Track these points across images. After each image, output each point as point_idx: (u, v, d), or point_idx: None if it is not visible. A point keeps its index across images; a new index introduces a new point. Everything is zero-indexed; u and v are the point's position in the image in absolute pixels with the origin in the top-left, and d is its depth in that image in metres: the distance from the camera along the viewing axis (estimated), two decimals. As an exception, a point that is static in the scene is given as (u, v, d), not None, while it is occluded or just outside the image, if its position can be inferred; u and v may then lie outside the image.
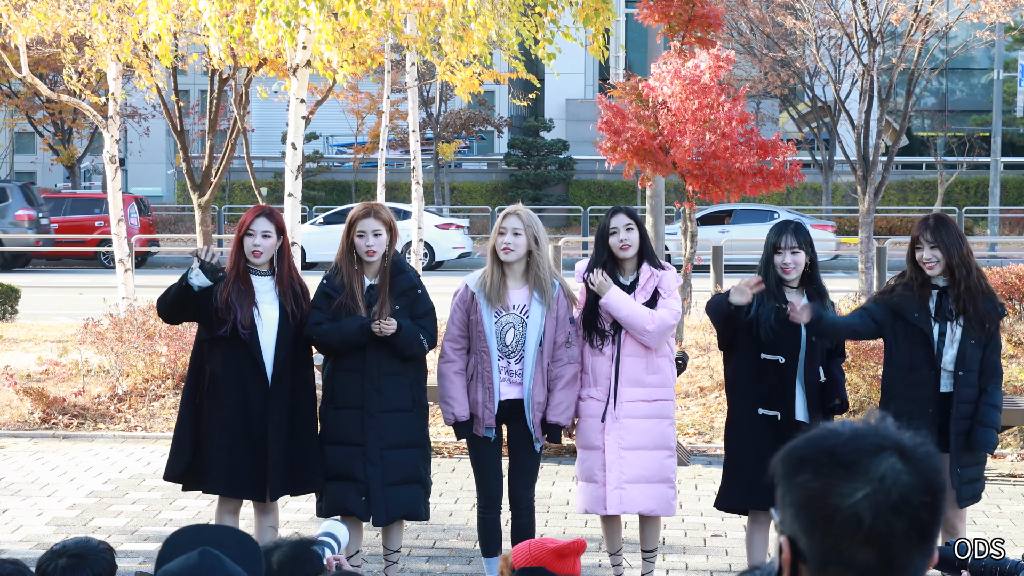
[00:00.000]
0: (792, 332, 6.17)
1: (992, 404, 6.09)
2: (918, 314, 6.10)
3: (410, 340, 6.19)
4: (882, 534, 1.74)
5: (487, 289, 6.31)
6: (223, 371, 6.23)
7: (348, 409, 6.25)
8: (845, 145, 18.06)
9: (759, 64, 30.32)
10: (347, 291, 6.24)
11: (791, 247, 6.23)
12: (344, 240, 6.32)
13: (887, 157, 17.28)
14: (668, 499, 6.44)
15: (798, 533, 1.80)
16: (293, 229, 10.52)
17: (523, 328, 6.29)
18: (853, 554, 1.75)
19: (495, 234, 6.35)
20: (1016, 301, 12.03)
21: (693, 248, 13.40)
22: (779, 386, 6.18)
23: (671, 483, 6.46)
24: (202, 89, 33.21)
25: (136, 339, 11.41)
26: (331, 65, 9.97)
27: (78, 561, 3.40)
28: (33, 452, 9.99)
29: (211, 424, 6.25)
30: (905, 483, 1.75)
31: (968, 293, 6.05)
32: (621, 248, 6.36)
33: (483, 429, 6.32)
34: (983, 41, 21.06)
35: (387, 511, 6.25)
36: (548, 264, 6.39)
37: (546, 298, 6.29)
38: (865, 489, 1.74)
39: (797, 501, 1.79)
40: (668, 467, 6.44)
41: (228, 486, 6.31)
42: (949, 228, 6.13)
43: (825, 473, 1.77)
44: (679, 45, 12.98)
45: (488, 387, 6.27)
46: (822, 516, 1.76)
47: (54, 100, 16.40)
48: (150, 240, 28.82)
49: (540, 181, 38.33)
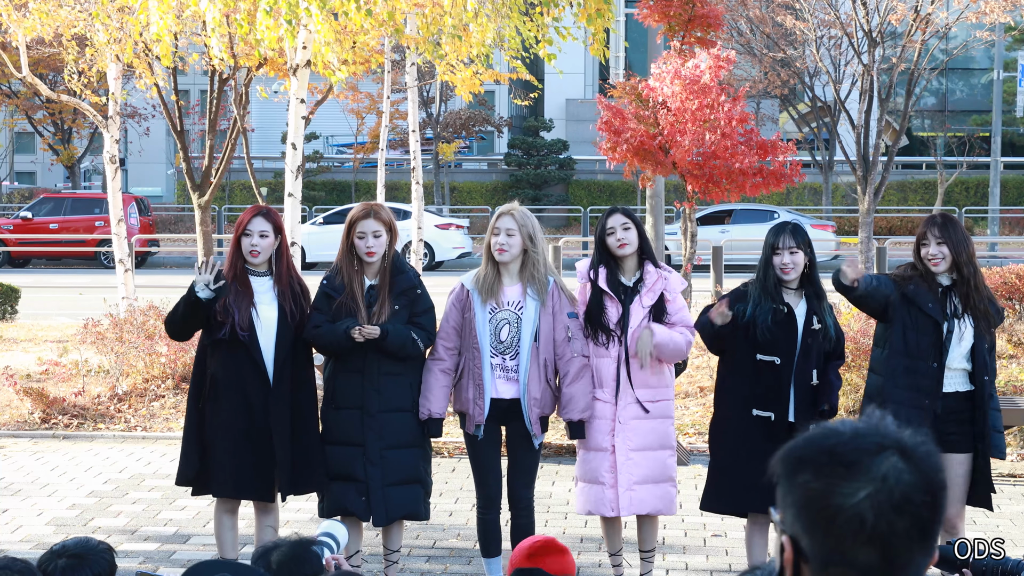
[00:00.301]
0: (789, 333, 6.17)
1: (997, 408, 6.17)
2: (932, 304, 6.10)
3: (401, 343, 6.18)
4: (884, 534, 1.74)
5: (480, 286, 6.31)
6: (223, 374, 6.23)
7: (348, 409, 6.25)
8: (845, 145, 18.06)
9: (759, 64, 30.33)
10: (347, 292, 6.25)
11: (789, 247, 6.22)
12: (344, 241, 6.32)
13: (887, 157, 17.28)
14: (672, 498, 6.48)
15: (799, 533, 1.80)
16: (293, 229, 10.52)
17: (518, 324, 6.28)
18: (855, 554, 1.75)
19: (490, 234, 6.35)
20: (1016, 301, 12.03)
21: (693, 248, 13.39)
22: (775, 387, 6.17)
23: (674, 482, 6.50)
24: (202, 89, 33.22)
25: (136, 339, 11.41)
26: (331, 65, 9.97)
27: (78, 561, 3.39)
28: (33, 452, 9.99)
29: (213, 428, 6.25)
30: (907, 482, 1.74)
31: (976, 292, 6.08)
32: (619, 247, 6.37)
33: (473, 427, 6.32)
34: (983, 41, 21.07)
35: (387, 511, 6.25)
36: (545, 262, 6.38)
37: (540, 294, 6.29)
38: (867, 489, 1.74)
39: (798, 501, 1.79)
40: (671, 467, 6.48)
41: (235, 488, 6.31)
42: (956, 227, 6.16)
43: (826, 473, 1.76)
44: (679, 45, 12.98)
45: (479, 384, 6.26)
46: (824, 516, 1.76)
47: (54, 100, 16.40)
48: (150, 240, 28.81)
49: (540, 181, 38.33)
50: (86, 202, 30.27)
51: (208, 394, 6.26)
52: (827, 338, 6.26)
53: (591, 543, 7.52)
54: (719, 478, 6.36)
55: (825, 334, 6.24)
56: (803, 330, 6.18)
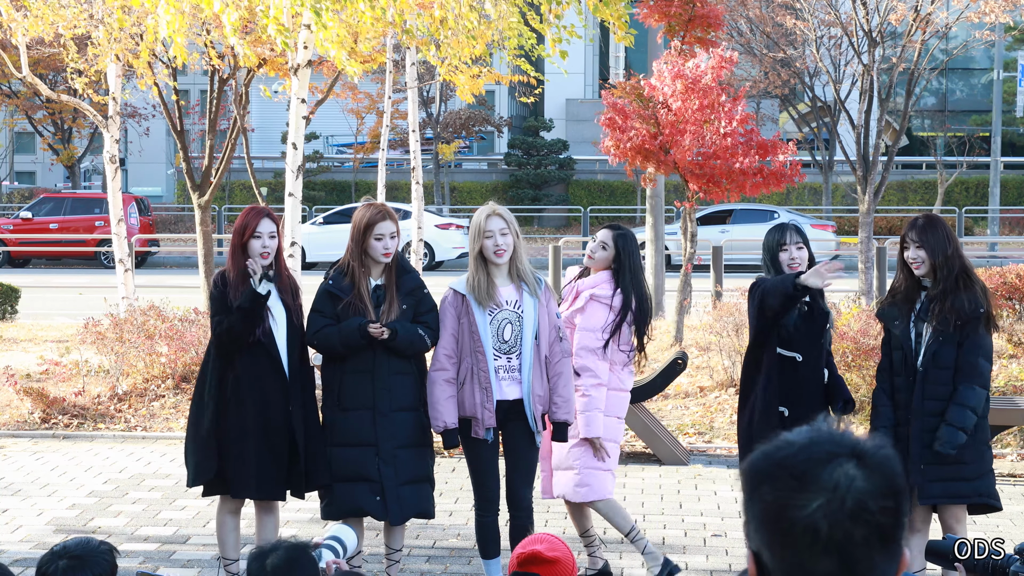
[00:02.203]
0: (814, 330, 6.23)
1: (960, 403, 5.96)
2: (898, 321, 6.13)
3: (410, 340, 6.22)
4: (840, 543, 1.72)
5: (477, 293, 6.30)
6: (246, 374, 6.24)
7: (358, 410, 6.24)
8: (845, 145, 18.05)
9: (759, 64, 30.32)
10: (355, 292, 6.25)
11: (796, 242, 6.35)
12: (358, 242, 6.30)
13: (887, 157, 17.27)
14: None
15: (761, 547, 1.78)
16: (293, 229, 10.53)
17: (519, 322, 6.31)
18: (814, 564, 1.74)
19: (479, 237, 6.31)
20: (1016, 301, 12.02)
21: (693, 248, 13.40)
22: (795, 383, 6.21)
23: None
24: (202, 89, 33.22)
25: (136, 339, 11.41)
26: (343, 61, 9.95)
27: (79, 562, 3.40)
28: (33, 452, 9.99)
29: (236, 428, 6.24)
30: (860, 489, 1.73)
31: (943, 294, 6.02)
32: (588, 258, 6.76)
33: (482, 431, 6.31)
34: (983, 41, 21.06)
35: (402, 509, 6.27)
36: (526, 255, 6.46)
37: (533, 289, 6.33)
38: (819, 500, 1.72)
39: (758, 515, 1.77)
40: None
41: (256, 488, 6.30)
42: (936, 228, 6.08)
43: (779, 486, 1.75)
44: (679, 45, 12.98)
45: (485, 387, 6.26)
46: (780, 529, 1.75)
47: (54, 100, 16.39)
48: (150, 240, 28.81)
49: (540, 181, 38.33)
50: (86, 202, 30.27)
51: (230, 396, 6.25)
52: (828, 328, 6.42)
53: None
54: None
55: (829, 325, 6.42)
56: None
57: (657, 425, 9.60)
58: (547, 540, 4.01)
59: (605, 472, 6.73)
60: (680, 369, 9.53)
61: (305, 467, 6.29)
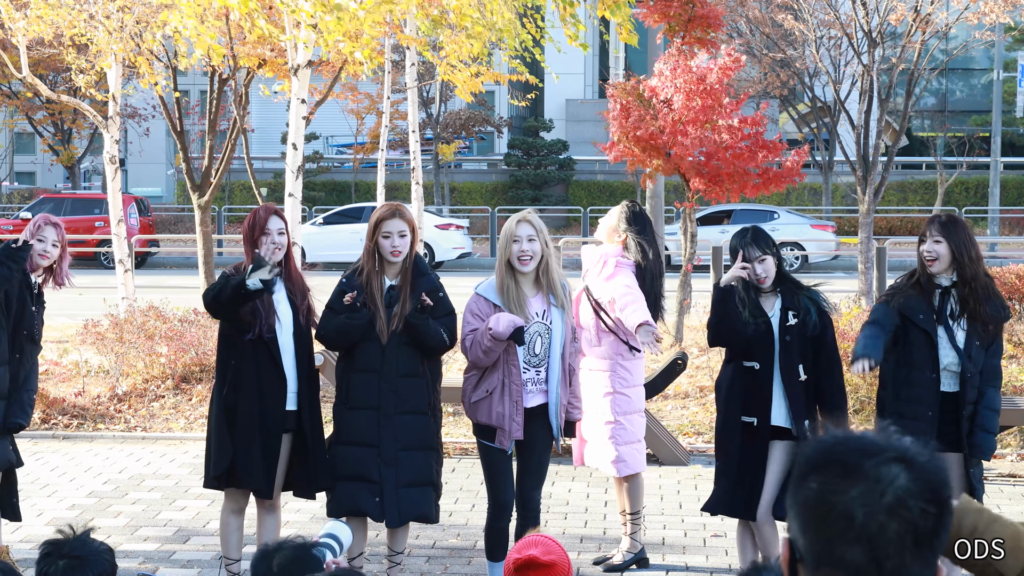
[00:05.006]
0: (765, 338, 6.10)
1: (991, 408, 6.08)
2: (923, 315, 6.08)
3: (436, 329, 6.18)
4: (873, 534, 1.74)
5: (507, 300, 6.25)
6: (251, 373, 6.24)
7: (364, 410, 6.22)
8: (845, 145, 18.05)
9: (759, 64, 30.33)
10: (366, 291, 6.23)
11: (757, 257, 6.13)
12: (369, 240, 6.30)
13: (887, 157, 17.27)
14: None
15: (797, 533, 1.81)
16: (294, 229, 10.53)
17: (549, 335, 6.30)
18: (843, 553, 1.75)
19: (508, 244, 6.27)
20: (1016, 301, 12.03)
21: (693, 248, 13.40)
22: (757, 392, 6.13)
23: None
24: (202, 89, 33.23)
25: (136, 339, 11.41)
26: (353, 58, 9.95)
27: (78, 562, 3.40)
28: (33, 452, 9.98)
29: (243, 426, 6.25)
30: (902, 487, 1.74)
31: (974, 295, 6.04)
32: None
33: (507, 442, 6.26)
34: (983, 41, 21.07)
35: (399, 512, 6.24)
36: (557, 266, 6.41)
37: (560, 300, 6.32)
38: (859, 488, 1.74)
39: (800, 502, 1.80)
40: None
41: (266, 483, 6.31)
42: (959, 227, 6.13)
43: (826, 474, 1.78)
44: (679, 45, 12.98)
45: (516, 400, 6.22)
46: (817, 514, 1.77)
47: (54, 100, 16.39)
48: (150, 240, 28.81)
49: (540, 181, 38.34)
50: (86, 202, 30.27)
51: (231, 391, 6.26)
52: (809, 325, 6.10)
53: (591, 543, 7.53)
54: (717, 482, 6.34)
55: (804, 324, 6.09)
56: (779, 329, 6.10)
57: (657, 425, 9.60)
58: (543, 543, 3.98)
59: (637, 444, 7.05)
60: (680, 369, 9.53)
61: (313, 468, 6.31)
